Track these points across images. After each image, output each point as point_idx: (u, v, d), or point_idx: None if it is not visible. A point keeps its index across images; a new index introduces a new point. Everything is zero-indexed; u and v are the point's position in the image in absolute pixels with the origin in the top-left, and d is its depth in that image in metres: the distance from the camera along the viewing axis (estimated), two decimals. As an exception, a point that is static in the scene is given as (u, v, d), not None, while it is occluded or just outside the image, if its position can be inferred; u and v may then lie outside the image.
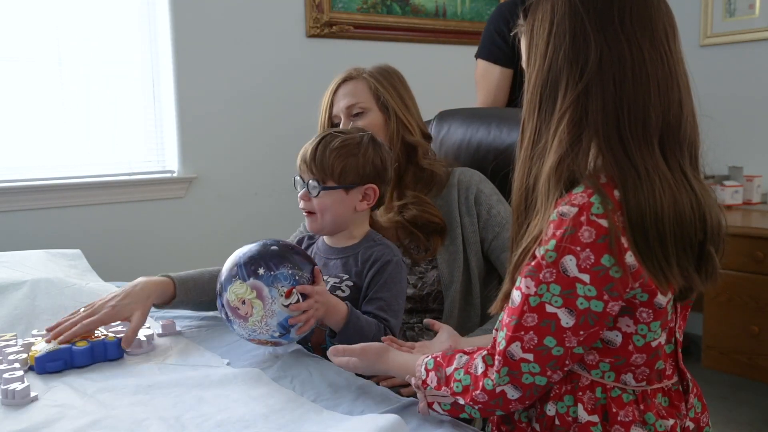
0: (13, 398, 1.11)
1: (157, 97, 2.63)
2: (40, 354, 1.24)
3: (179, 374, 1.21)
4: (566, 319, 0.90)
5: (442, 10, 3.24)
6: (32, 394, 1.12)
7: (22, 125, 2.38)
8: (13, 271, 1.65)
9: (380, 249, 1.37)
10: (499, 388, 0.95)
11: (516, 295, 0.93)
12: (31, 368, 1.25)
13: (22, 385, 1.12)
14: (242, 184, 2.77)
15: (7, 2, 2.32)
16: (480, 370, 0.97)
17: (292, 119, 2.82)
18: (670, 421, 0.97)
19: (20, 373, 1.18)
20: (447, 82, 3.13)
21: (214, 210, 2.72)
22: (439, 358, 1.05)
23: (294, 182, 1.40)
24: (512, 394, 0.95)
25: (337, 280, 1.36)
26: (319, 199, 1.34)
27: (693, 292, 0.97)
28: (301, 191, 1.37)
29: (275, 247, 1.26)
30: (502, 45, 2.36)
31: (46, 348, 1.25)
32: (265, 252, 1.24)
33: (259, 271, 1.21)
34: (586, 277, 0.88)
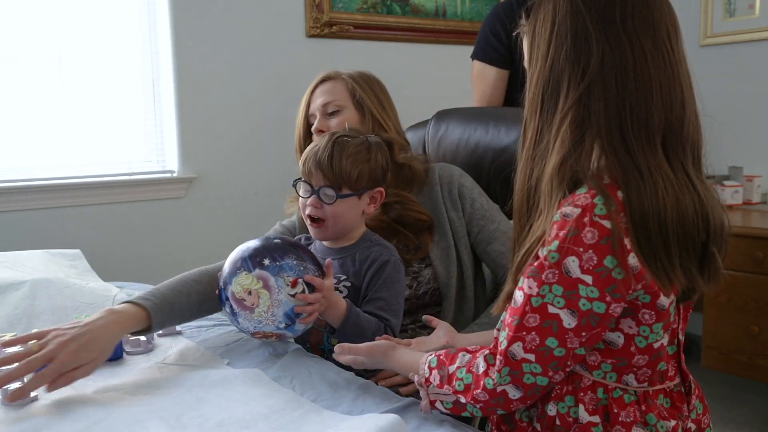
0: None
1: (157, 97, 2.63)
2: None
3: (179, 374, 1.21)
4: (568, 320, 0.90)
5: (442, 10, 3.24)
6: (32, 394, 1.12)
7: (22, 125, 2.38)
8: (13, 271, 1.65)
9: (378, 249, 1.37)
10: (500, 388, 0.95)
11: (518, 296, 0.93)
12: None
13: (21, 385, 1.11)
14: (242, 184, 2.76)
15: (7, 2, 2.32)
16: (481, 369, 0.97)
17: (293, 119, 2.80)
18: (672, 422, 0.97)
19: None
20: (447, 82, 3.13)
21: (214, 210, 2.72)
22: (442, 357, 1.05)
23: (295, 186, 1.36)
24: (513, 394, 0.95)
25: (335, 281, 1.35)
26: (333, 206, 1.31)
27: (695, 293, 0.97)
28: (311, 197, 1.33)
29: (278, 241, 1.27)
30: (497, 46, 2.35)
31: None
32: (269, 245, 1.25)
33: (265, 262, 1.22)
34: (588, 279, 0.88)
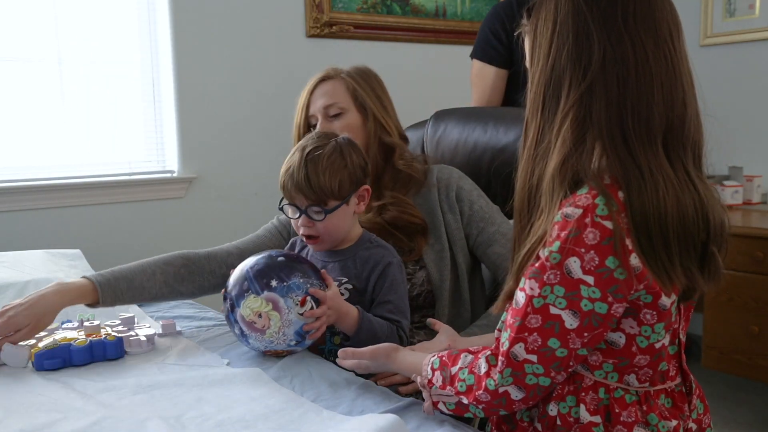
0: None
1: (157, 97, 2.62)
2: (38, 351, 1.25)
3: (179, 374, 1.21)
4: (570, 321, 0.89)
5: (442, 10, 3.24)
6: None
7: (22, 125, 2.38)
8: (13, 271, 1.65)
9: (379, 251, 1.37)
10: (502, 389, 0.95)
11: (520, 297, 0.93)
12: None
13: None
14: (242, 184, 2.76)
15: (7, 2, 2.32)
16: (483, 370, 0.97)
17: (293, 119, 2.80)
18: (673, 422, 0.97)
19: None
20: (447, 82, 3.13)
21: (214, 210, 2.72)
22: (444, 358, 1.05)
23: (283, 210, 1.35)
24: (516, 395, 0.95)
25: (336, 284, 1.35)
26: (325, 222, 1.31)
27: (696, 293, 0.97)
28: (300, 218, 1.32)
29: (282, 258, 1.26)
30: (497, 45, 2.35)
31: (45, 345, 1.26)
32: (274, 264, 1.25)
33: (272, 284, 1.22)
34: (590, 279, 0.88)
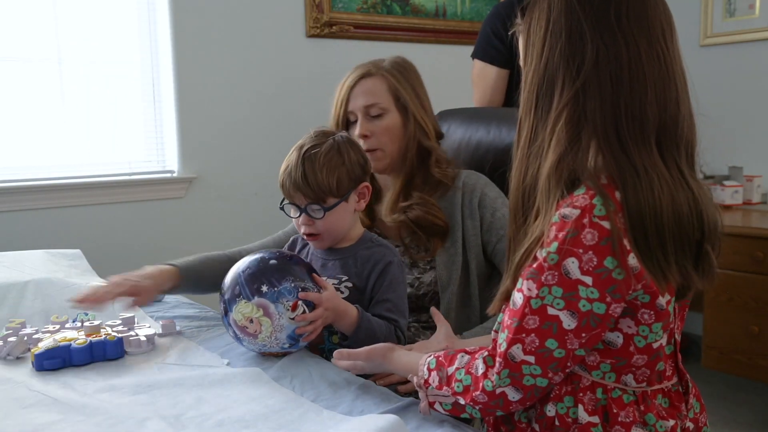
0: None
1: (157, 97, 2.63)
2: (38, 351, 1.25)
3: (179, 374, 1.21)
4: (568, 322, 0.89)
5: (442, 10, 3.24)
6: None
7: (22, 125, 2.38)
8: (13, 271, 1.65)
9: (380, 250, 1.37)
10: (499, 390, 0.95)
11: (517, 297, 0.93)
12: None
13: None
14: (242, 184, 2.76)
15: (7, 2, 2.32)
16: (480, 371, 0.97)
17: (293, 119, 2.82)
18: (671, 422, 0.97)
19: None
20: (447, 82, 3.11)
21: (214, 210, 2.72)
22: (441, 358, 1.05)
23: (283, 209, 1.37)
24: (513, 396, 0.95)
25: (336, 282, 1.36)
26: (324, 220, 1.32)
27: (690, 291, 0.97)
28: (300, 217, 1.33)
29: (274, 261, 1.25)
30: (498, 45, 2.34)
31: (45, 345, 1.26)
32: (265, 268, 1.24)
33: (263, 289, 1.21)
34: (588, 280, 0.88)
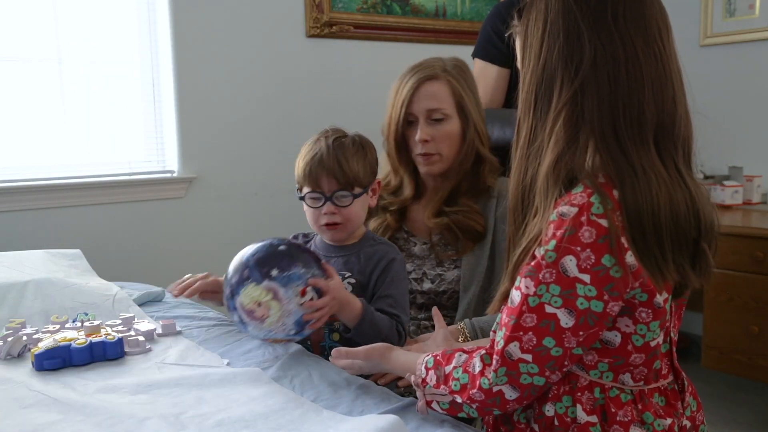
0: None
1: (157, 97, 2.63)
2: (38, 351, 1.25)
3: (179, 374, 1.21)
4: (566, 320, 0.90)
5: (442, 10, 3.24)
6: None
7: (22, 125, 2.38)
8: (13, 271, 1.65)
9: (383, 247, 1.39)
10: (496, 388, 0.95)
11: (515, 295, 0.93)
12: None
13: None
14: (242, 184, 2.76)
15: (7, 2, 2.33)
16: (477, 369, 0.97)
17: (293, 119, 2.82)
18: (668, 420, 0.97)
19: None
20: (447, 82, 3.12)
21: (214, 210, 2.72)
22: (438, 357, 1.05)
23: (303, 197, 1.35)
24: (510, 394, 0.95)
25: (340, 278, 1.36)
26: (349, 208, 1.32)
27: (687, 289, 0.97)
28: (325, 205, 1.32)
29: (283, 247, 1.25)
30: (499, 44, 2.35)
31: (45, 345, 1.26)
32: (275, 252, 1.24)
33: (273, 273, 1.20)
34: (586, 278, 0.88)
